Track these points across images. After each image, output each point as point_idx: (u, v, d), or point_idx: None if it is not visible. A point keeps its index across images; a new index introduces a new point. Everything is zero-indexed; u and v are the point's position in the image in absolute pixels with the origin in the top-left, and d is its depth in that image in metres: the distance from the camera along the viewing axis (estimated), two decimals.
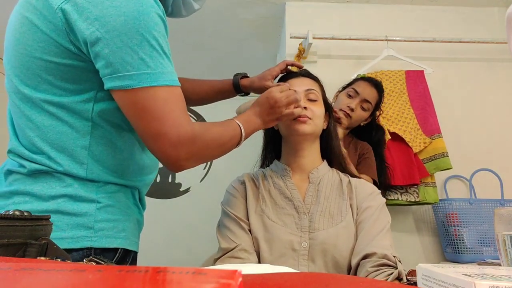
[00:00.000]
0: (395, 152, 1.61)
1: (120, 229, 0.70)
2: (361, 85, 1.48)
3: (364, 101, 1.44)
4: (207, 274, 0.16)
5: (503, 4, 1.99)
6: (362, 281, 0.30)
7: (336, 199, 0.89)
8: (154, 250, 2.44)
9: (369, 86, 1.47)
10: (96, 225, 0.66)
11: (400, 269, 0.72)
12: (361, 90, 1.45)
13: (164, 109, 0.62)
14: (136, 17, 0.59)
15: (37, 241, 0.37)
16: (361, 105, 1.44)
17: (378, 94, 1.48)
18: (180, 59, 2.56)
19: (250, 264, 0.76)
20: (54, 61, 0.62)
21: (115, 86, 0.61)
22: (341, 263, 0.80)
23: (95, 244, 0.65)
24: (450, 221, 1.55)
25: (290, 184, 0.92)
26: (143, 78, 0.60)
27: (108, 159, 0.69)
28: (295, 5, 2.00)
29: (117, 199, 0.71)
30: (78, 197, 0.66)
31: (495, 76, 1.93)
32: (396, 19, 1.99)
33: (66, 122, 0.65)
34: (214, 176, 2.92)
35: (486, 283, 0.29)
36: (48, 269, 0.17)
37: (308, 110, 0.91)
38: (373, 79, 1.54)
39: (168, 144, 0.63)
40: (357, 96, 1.44)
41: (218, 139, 0.73)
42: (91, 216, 0.66)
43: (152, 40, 0.61)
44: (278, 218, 0.86)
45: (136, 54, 0.59)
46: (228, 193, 0.94)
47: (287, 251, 0.81)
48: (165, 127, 0.62)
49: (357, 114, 1.44)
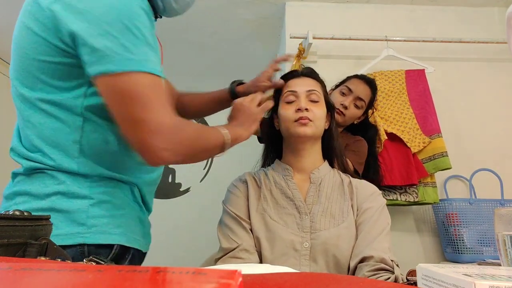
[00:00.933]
0: (393, 153, 1.60)
1: (115, 225, 0.70)
2: (354, 82, 1.47)
3: (358, 98, 1.43)
4: (207, 274, 0.16)
5: (503, 4, 1.99)
6: (362, 281, 0.30)
7: (338, 200, 0.88)
8: (154, 250, 2.44)
9: (362, 83, 1.46)
10: (89, 221, 0.66)
11: (397, 274, 0.72)
12: (354, 87, 1.44)
13: (146, 96, 0.61)
14: (119, 8, 0.61)
15: (37, 241, 0.37)
16: (354, 102, 1.43)
17: (371, 91, 1.47)
18: (180, 59, 2.56)
19: (250, 264, 0.76)
20: (47, 60, 0.64)
21: (98, 72, 0.61)
22: (343, 264, 0.80)
23: (87, 241, 0.65)
24: (450, 221, 1.55)
25: (292, 184, 0.92)
26: (126, 63, 0.60)
27: (100, 153, 0.70)
28: (295, 5, 2.00)
29: (113, 195, 0.71)
30: (71, 194, 0.66)
31: (495, 76, 1.93)
32: (396, 19, 1.99)
33: (59, 118, 0.67)
34: (214, 176, 2.92)
35: (486, 283, 0.29)
36: (48, 269, 0.17)
37: (309, 112, 0.90)
38: (366, 76, 1.53)
39: (147, 132, 0.61)
40: (350, 94, 1.43)
41: (201, 134, 0.72)
42: (84, 213, 0.66)
43: (134, 29, 0.61)
44: (280, 217, 0.86)
45: (119, 41, 0.60)
46: (229, 192, 0.94)
47: (289, 251, 0.81)
48: (145, 114, 0.61)
49: (351, 112, 1.43)
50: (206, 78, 2.84)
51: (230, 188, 0.95)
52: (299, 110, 0.90)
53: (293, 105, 0.93)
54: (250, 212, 0.88)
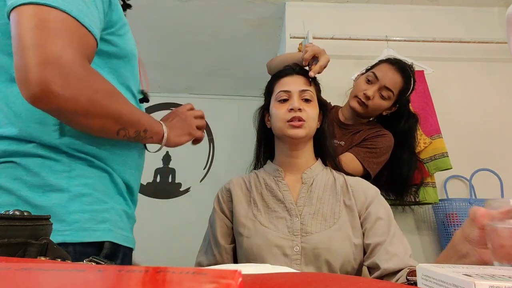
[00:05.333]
0: None
1: (99, 220, 0.63)
2: (383, 68, 1.26)
3: (384, 88, 1.23)
4: (207, 274, 0.16)
5: (503, 4, 1.99)
6: (362, 281, 0.30)
7: (329, 200, 0.87)
8: (154, 250, 2.44)
9: (392, 70, 1.25)
10: (69, 217, 0.59)
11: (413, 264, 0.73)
12: (382, 75, 1.24)
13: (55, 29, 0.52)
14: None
15: (37, 241, 0.37)
16: (380, 92, 1.24)
17: (403, 80, 1.24)
18: (180, 59, 2.56)
19: (250, 264, 0.76)
20: (2, 22, 0.59)
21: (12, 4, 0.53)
22: (335, 267, 0.79)
23: (69, 239, 0.58)
24: (450, 221, 1.54)
25: (283, 185, 0.91)
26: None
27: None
28: (295, 5, 2.00)
29: (93, 187, 0.63)
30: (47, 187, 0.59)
31: (495, 76, 1.92)
32: (396, 19, 1.99)
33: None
34: (214, 176, 2.92)
35: (486, 283, 0.29)
36: (48, 269, 0.17)
37: (302, 112, 0.89)
38: (400, 61, 1.30)
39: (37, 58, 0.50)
40: (376, 82, 1.24)
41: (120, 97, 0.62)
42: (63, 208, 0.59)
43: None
44: (270, 222, 0.85)
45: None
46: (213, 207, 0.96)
47: (279, 257, 0.80)
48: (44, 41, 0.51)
49: (375, 102, 1.24)
50: (206, 78, 2.85)
51: (214, 201, 0.96)
52: (292, 110, 0.89)
53: (285, 105, 0.91)
54: (237, 220, 0.88)
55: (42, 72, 0.50)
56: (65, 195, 0.60)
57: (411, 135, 1.34)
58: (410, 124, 1.33)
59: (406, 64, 1.30)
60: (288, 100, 0.92)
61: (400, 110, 1.32)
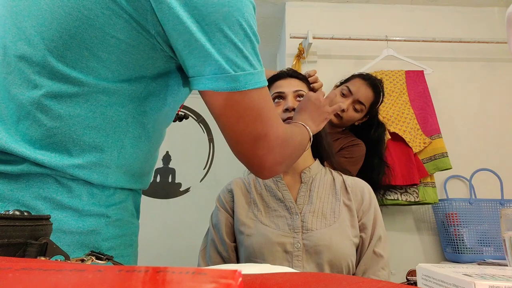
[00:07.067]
0: (395, 152, 1.61)
1: (127, 245, 0.59)
2: (356, 83, 1.38)
3: (357, 102, 1.34)
4: (207, 274, 0.16)
5: (503, 4, 1.99)
6: (362, 281, 0.30)
7: (329, 199, 0.88)
8: (154, 250, 2.44)
9: (365, 85, 1.37)
10: (104, 244, 0.54)
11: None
12: (355, 89, 1.35)
13: (265, 109, 0.57)
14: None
15: (37, 241, 0.37)
16: (353, 105, 1.35)
17: (374, 95, 1.37)
18: None
19: (250, 264, 0.76)
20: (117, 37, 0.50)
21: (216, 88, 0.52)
22: (336, 265, 0.80)
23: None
24: (450, 221, 1.55)
25: (282, 185, 0.91)
26: (249, 81, 0.53)
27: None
28: (295, 5, 2.00)
29: (125, 208, 0.59)
30: (84, 211, 0.53)
31: (495, 76, 1.93)
32: (396, 19, 2.00)
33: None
34: (214, 176, 2.92)
35: (486, 283, 0.29)
36: (48, 269, 0.17)
37: None
38: (371, 77, 1.43)
39: (267, 147, 0.58)
40: (350, 96, 1.35)
41: (300, 141, 0.70)
42: (99, 235, 0.54)
43: (248, 29, 0.56)
44: (271, 220, 0.86)
45: (239, 50, 0.52)
46: (215, 207, 0.95)
47: (280, 254, 0.81)
48: (267, 128, 0.57)
49: (349, 114, 1.36)
50: None
51: (216, 201, 0.96)
52: (286, 110, 0.90)
53: (280, 106, 0.93)
54: (238, 220, 0.88)
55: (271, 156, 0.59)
56: (104, 220, 0.55)
57: (380, 143, 1.47)
58: (379, 132, 1.46)
59: (377, 79, 1.43)
60: (283, 101, 0.93)
61: (370, 121, 1.44)
